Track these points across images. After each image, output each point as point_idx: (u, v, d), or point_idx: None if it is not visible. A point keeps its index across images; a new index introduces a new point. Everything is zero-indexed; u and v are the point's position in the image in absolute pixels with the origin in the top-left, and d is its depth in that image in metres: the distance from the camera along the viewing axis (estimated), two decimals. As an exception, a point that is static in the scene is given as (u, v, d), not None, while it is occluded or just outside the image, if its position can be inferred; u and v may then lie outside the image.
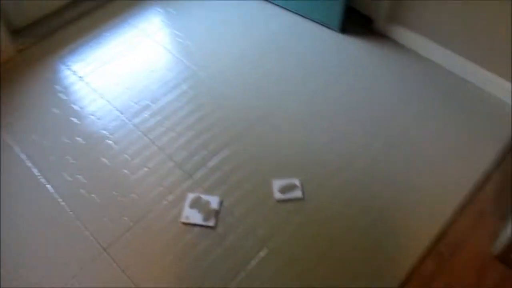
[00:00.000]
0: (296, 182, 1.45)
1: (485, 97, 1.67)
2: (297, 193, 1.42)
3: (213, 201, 1.41)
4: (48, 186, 1.45)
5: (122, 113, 1.65)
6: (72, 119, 1.63)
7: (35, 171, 1.48)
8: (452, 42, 1.68)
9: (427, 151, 1.53)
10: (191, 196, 1.42)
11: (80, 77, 1.76)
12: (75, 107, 1.66)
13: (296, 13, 1.96)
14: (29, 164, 1.49)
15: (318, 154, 1.52)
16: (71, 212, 1.39)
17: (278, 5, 1.98)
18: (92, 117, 1.63)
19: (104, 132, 1.59)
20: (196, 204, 1.41)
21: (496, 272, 1.27)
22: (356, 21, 1.93)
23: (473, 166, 1.48)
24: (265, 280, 1.26)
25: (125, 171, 1.49)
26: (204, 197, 1.42)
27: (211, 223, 1.37)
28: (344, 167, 1.49)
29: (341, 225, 1.37)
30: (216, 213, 1.39)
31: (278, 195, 1.42)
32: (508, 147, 1.52)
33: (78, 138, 1.57)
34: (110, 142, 1.56)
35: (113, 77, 1.76)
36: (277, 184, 1.45)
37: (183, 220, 1.38)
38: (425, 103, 1.66)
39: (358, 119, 1.62)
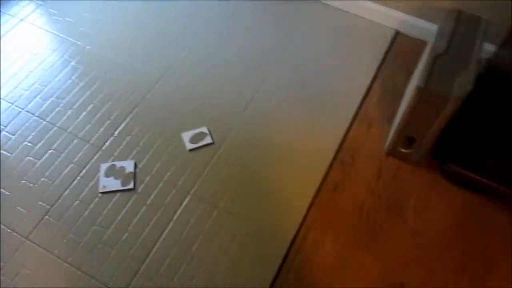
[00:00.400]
0: (204, 130, 1.51)
1: (361, 23, 1.84)
2: (207, 140, 1.49)
3: (128, 165, 1.43)
4: None
5: (12, 103, 1.57)
6: (-43, 119, 1.52)
7: None
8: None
9: (318, 79, 1.66)
10: (104, 165, 1.43)
11: (-46, 75, 1.63)
12: (-43, 107, 1.55)
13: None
14: None
15: (219, 101, 1.59)
16: (-20, 211, 1.34)
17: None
18: (-21, 113, 1.54)
19: (-3, 125, 1.52)
20: (111, 172, 1.42)
21: (390, 165, 1.46)
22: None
23: (359, 83, 1.65)
24: (193, 224, 1.33)
25: (30, 158, 1.44)
26: (118, 163, 1.43)
27: (130, 185, 1.39)
28: (244, 108, 1.58)
29: (253, 157, 1.46)
30: (134, 175, 1.41)
31: (189, 145, 1.48)
32: (381, 62, 1.71)
33: (-32, 137, 1.48)
34: (6, 133, 1.49)
35: (-7, 68, 1.66)
36: (186, 136, 1.50)
37: (101, 190, 1.38)
38: (310, 36, 1.79)
39: (247, 63, 1.70)
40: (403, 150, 1.43)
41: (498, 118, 1.28)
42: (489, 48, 1.55)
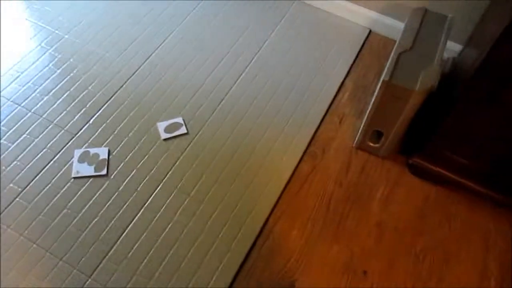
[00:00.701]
0: (179, 120, 1.54)
1: (336, 22, 1.89)
2: (182, 130, 1.52)
3: (102, 152, 1.45)
4: None
5: (-13, 88, 1.58)
6: None
7: None
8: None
9: (292, 75, 1.70)
10: (78, 151, 1.44)
11: None
12: None
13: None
14: None
15: (195, 93, 1.62)
16: (-50, 193, 1.34)
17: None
18: (-47, 97, 1.54)
19: (-29, 109, 1.52)
20: (85, 158, 1.43)
21: (359, 159, 1.50)
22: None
23: (332, 79, 1.69)
24: (164, 211, 1.35)
25: (4, 141, 1.45)
26: (92, 150, 1.45)
27: (103, 172, 1.41)
28: (219, 100, 1.61)
29: (227, 149, 1.49)
30: (107, 162, 1.43)
31: (164, 135, 1.50)
32: (354, 59, 1.76)
33: None
34: (-20, 117, 1.50)
35: (-30, 53, 1.66)
36: (162, 126, 1.52)
37: (74, 175, 1.40)
38: (286, 33, 1.83)
39: (224, 57, 1.73)
40: (371, 144, 1.47)
41: (461, 114, 1.33)
42: (455, 47, 1.61)
